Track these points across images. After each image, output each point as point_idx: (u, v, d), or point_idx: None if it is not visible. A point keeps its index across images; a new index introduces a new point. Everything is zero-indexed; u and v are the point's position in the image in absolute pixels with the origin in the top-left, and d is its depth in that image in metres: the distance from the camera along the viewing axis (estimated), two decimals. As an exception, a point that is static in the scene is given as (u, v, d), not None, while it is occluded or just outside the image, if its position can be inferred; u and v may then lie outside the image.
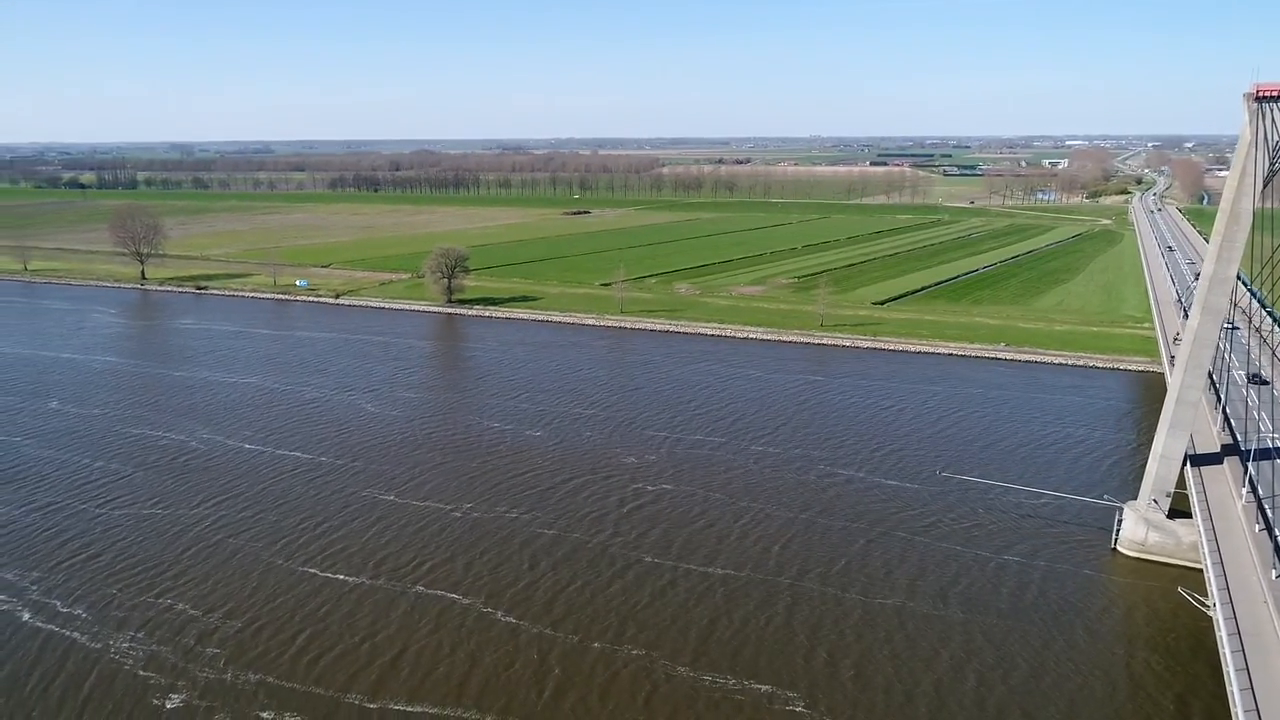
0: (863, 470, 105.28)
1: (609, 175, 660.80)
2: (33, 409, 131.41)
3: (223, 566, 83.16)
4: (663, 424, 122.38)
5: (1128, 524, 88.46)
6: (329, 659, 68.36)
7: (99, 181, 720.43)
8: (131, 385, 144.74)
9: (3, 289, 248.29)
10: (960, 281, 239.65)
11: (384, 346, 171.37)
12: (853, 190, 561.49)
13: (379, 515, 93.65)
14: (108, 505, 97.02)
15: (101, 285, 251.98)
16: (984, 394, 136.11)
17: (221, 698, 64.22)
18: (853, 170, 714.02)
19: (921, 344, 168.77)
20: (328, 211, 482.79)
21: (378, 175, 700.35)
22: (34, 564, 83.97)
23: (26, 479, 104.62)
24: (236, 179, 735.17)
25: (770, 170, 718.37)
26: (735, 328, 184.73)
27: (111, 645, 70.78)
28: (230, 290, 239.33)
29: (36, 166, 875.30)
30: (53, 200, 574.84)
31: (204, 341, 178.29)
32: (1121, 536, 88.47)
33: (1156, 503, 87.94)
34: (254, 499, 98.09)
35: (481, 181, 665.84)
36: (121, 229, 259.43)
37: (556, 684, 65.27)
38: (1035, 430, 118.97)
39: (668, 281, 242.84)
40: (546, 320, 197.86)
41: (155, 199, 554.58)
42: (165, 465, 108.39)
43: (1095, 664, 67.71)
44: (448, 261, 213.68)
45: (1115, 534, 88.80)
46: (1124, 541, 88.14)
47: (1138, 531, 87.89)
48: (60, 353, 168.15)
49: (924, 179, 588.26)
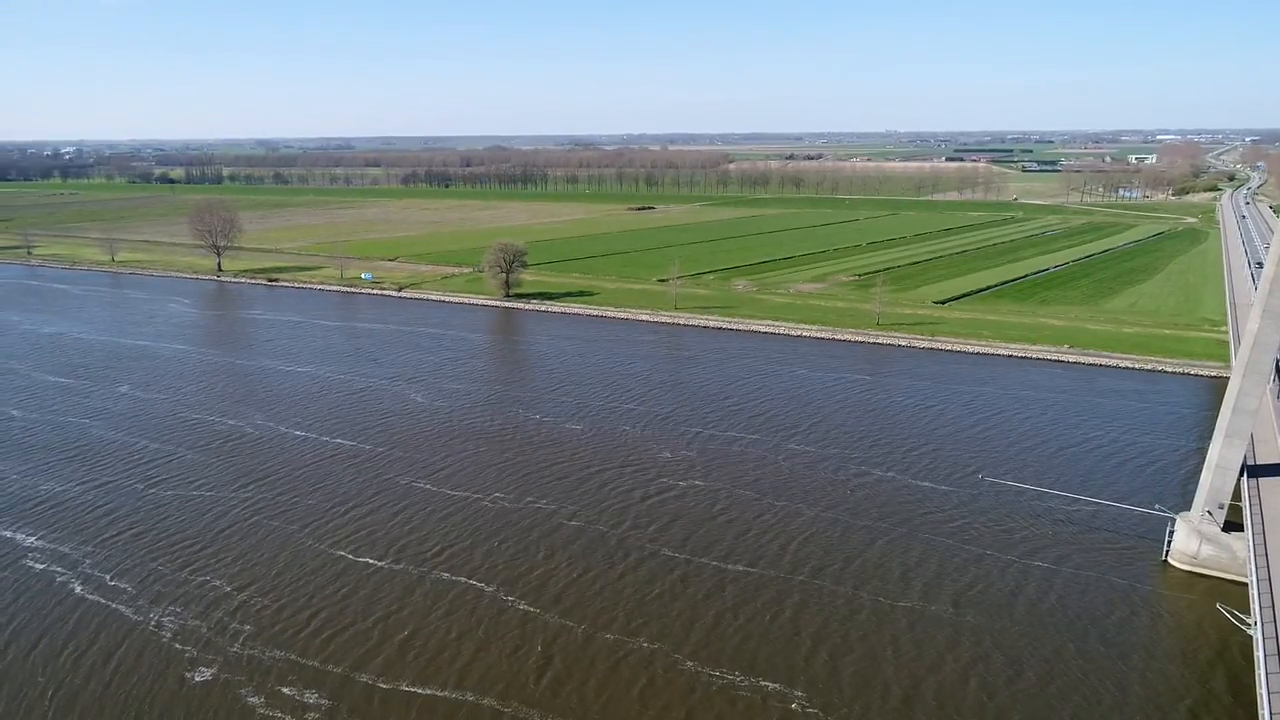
0: (897, 471, 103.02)
1: (675, 171, 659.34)
2: (103, 392, 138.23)
3: (258, 546, 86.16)
4: (700, 420, 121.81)
5: (1179, 536, 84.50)
6: (344, 638, 70.31)
7: (187, 177, 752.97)
8: (196, 372, 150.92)
9: (91, 279, 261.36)
10: (1028, 281, 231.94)
11: (439, 339, 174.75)
12: (924, 187, 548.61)
13: (411, 502, 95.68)
14: (159, 485, 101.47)
15: (181, 276, 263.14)
16: (1036, 397, 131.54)
17: (246, 672, 66.59)
18: (924, 166, 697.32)
19: (980, 345, 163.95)
20: (399, 206, 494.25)
21: (449, 171, 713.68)
22: (88, 538, 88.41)
23: (89, 458, 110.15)
24: (315, 174, 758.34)
25: (839, 166, 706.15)
26: (789, 325, 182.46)
27: (150, 618, 74.07)
28: (299, 282, 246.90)
29: (132, 162, 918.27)
30: (144, 195, 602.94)
31: (269, 331, 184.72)
32: (1173, 549, 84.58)
33: (1210, 514, 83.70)
34: (295, 483, 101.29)
35: (549, 177, 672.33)
36: (200, 223, 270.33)
37: (556, 672, 66.03)
38: (1088, 436, 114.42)
39: (726, 278, 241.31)
40: (600, 316, 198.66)
41: (238, 194, 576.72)
42: (217, 448, 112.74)
43: (1109, 674, 64.94)
44: (506, 257, 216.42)
45: (1166, 546, 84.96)
46: (1175, 554, 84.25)
47: (1190, 544, 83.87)
48: (135, 340, 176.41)
49: (999, 175, 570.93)
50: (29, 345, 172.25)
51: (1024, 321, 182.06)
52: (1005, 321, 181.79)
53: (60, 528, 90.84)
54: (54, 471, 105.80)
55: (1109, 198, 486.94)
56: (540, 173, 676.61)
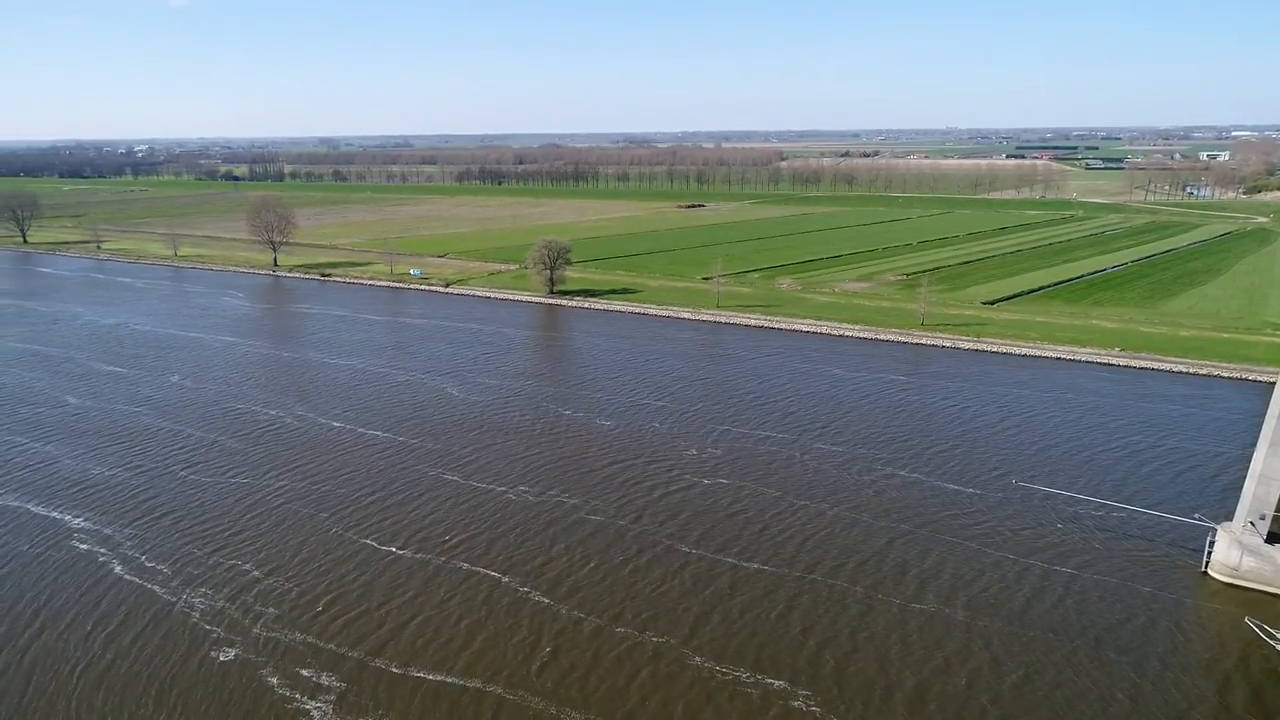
0: (925, 473, 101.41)
1: (726, 169, 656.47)
2: (155, 382, 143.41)
3: (288, 532, 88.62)
4: (730, 418, 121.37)
5: (1220, 547, 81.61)
6: (362, 623, 72.05)
7: (250, 174, 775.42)
8: (243, 363, 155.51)
9: (154, 273, 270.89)
10: (1083, 282, 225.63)
11: (480, 334, 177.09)
12: (980, 185, 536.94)
13: (437, 493, 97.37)
14: (200, 471, 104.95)
15: (238, 271, 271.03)
16: (1078, 400, 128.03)
17: (268, 653, 68.68)
18: (980, 164, 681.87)
19: (1027, 346, 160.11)
20: (452, 203, 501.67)
21: (502, 169, 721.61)
22: (130, 521, 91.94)
23: (136, 444, 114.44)
24: (372, 172, 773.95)
25: (893, 164, 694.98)
26: (831, 325, 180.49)
27: (182, 599, 76.77)
28: (351, 278, 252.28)
29: (200, 160, 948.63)
30: (209, 192, 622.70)
31: (316, 325, 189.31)
32: (1213, 560, 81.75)
33: (1253, 525, 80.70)
34: (327, 472, 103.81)
35: (600, 175, 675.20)
36: (256, 219, 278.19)
37: (547, 657, 67.49)
38: (1129, 441, 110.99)
39: (770, 276, 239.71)
40: (642, 313, 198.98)
41: (297, 190, 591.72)
42: (257, 437, 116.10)
43: (1122, 683, 63.06)
44: (550, 254, 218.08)
45: (1206, 557, 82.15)
46: (1215, 565, 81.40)
47: (1230, 555, 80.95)
48: (188, 332, 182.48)
49: (1059, 173, 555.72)
50: (89, 336, 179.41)
51: (1074, 323, 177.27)
52: (1055, 323, 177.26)
53: (105, 510, 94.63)
54: (103, 456, 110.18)
55: (1175, 196, 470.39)
56: (592, 170, 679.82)
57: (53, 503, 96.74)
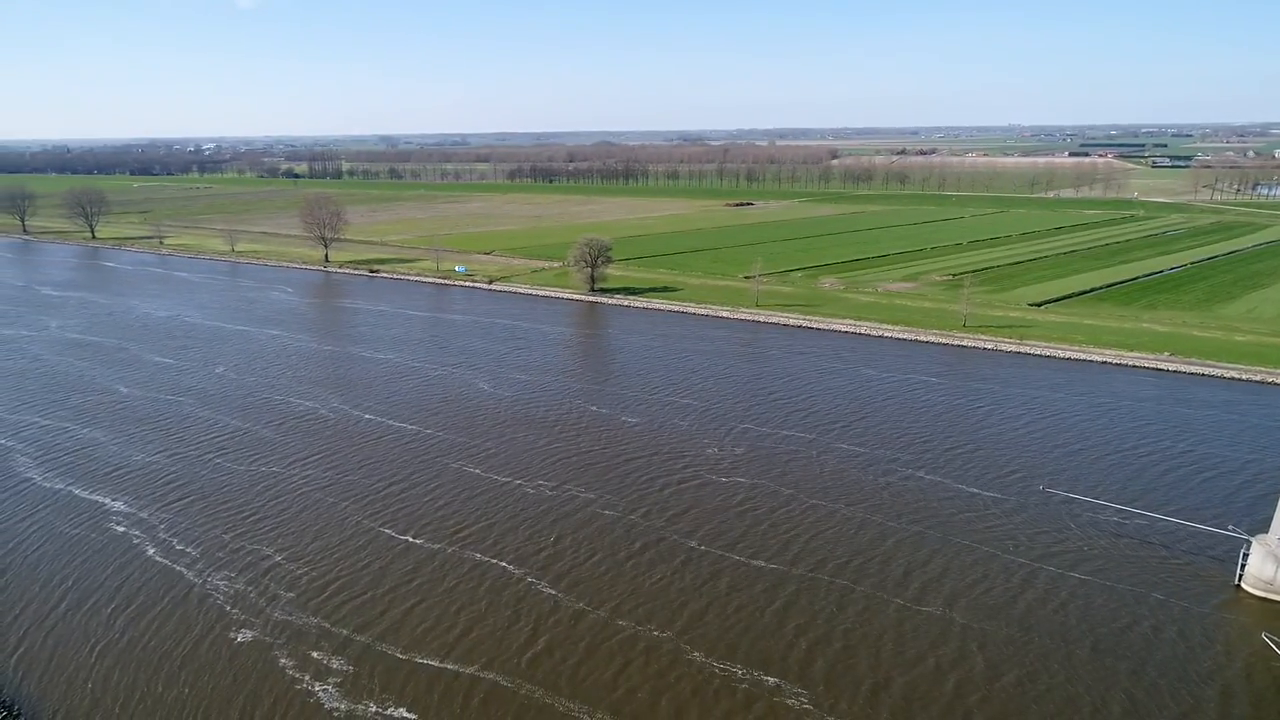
0: (947, 476, 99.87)
1: (777, 167, 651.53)
2: (200, 372, 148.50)
3: (312, 520, 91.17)
4: (755, 417, 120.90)
5: (1254, 559, 78.77)
6: (375, 609, 73.84)
7: (310, 172, 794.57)
8: (285, 356, 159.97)
9: (211, 268, 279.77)
10: (1137, 283, 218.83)
11: (517, 330, 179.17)
12: (1037, 183, 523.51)
13: (458, 485, 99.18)
14: (234, 459, 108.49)
15: (291, 266, 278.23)
16: (1115, 405, 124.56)
17: (283, 635, 71.00)
18: (1037, 162, 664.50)
19: (1071, 349, 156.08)
20: (502, 201, 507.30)
21: (553, 166, 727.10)
22: (165, 505, 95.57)
23: (177, 431, 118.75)
24: (427, 169, 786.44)
25: (947, 161, 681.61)
26: (870, 325, 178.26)
27: (208, 582, 79.59)
28: (398, 274, 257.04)
29: (262, 158, 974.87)
30: (269, 189, 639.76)
31: (360, 320, 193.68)
32: (1246, 573, 78.95)
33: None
34: (355, 463, 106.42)
35: (650, 173, 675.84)
36: (309, 216, 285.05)
37: (541, 647, 68.94)
38: (1170, 450, 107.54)
39: (814, 275, 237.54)
40: (681, 311, 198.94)
41: (354, 188, 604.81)
42: (292, 428, 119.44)
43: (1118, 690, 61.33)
44: (591, 251, 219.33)
45: (1240, 570, 79.35)
46: (1249, 578, 78.60)
47: (1265, 569, 78.08)
48: (237, 325, 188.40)
49: (1121, 171, 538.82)
50: (144, 327, 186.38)
51: (1124, 326, 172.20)
52: (1103, 326, 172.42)
53: (143, 494, 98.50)
54: (145, 443, 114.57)
55: (1245, 195, 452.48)
56: (642, 168, 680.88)
57: (95, 486, 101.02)
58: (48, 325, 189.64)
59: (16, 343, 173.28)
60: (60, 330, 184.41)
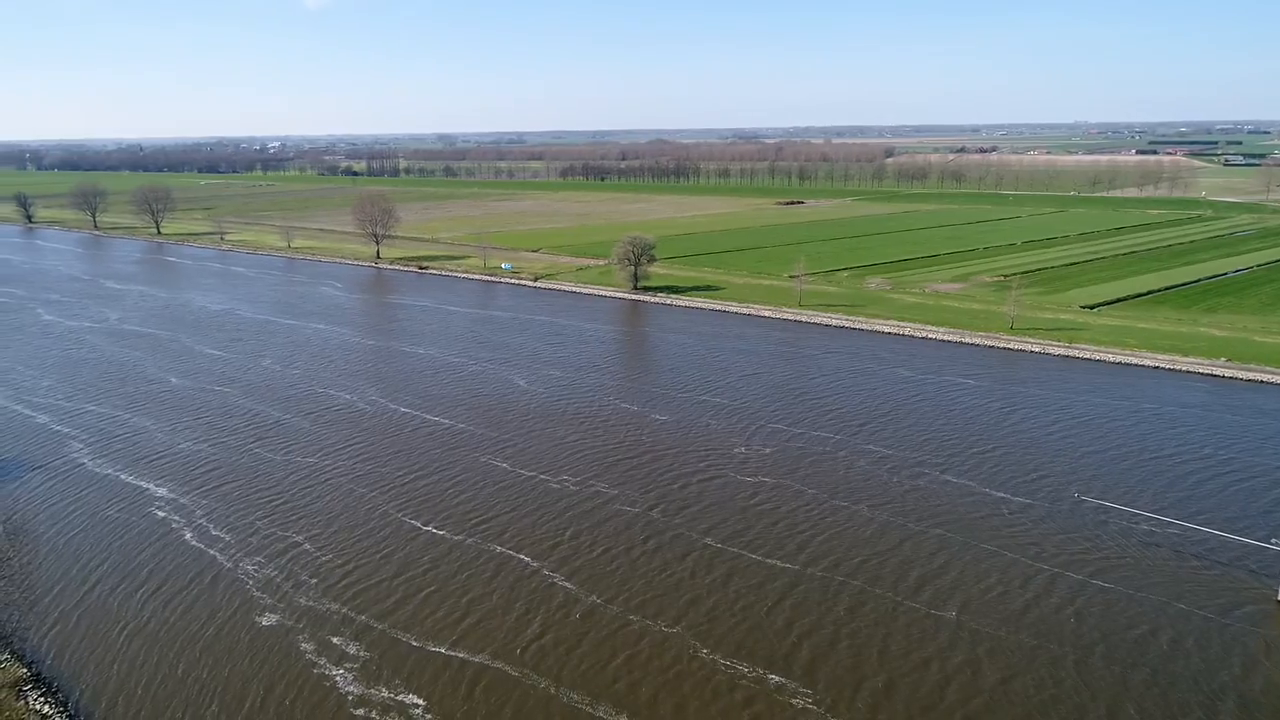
0: (978, 481, 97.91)
1: (829, 165, 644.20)
2: (247, 364, 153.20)
3: (343, 510, 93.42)
4: (788, 417, 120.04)
5: (1296, 573, 75.72)
6: (395, 598, 75.43)
7: (368, 170, 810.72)
8: (330, 350, 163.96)
9: (267, 263, 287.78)
10: (1198, 286, 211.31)
11: (558, 327, 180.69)
12: (1099, 182, 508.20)
13: (485, 478, 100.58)
14: (274, 449, 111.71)
15: (343, 262, 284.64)
16: (1157, 411, 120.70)
17: (306, 620, 72.97)
18: (1099, 160, 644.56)
19: (1122, 353, 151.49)
20: (553, 199, 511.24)
21: (605, 165, 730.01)
22: (205, 492, 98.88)
23: (220, 421, 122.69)
24: (481, 167, 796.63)
25: (1005, 160, 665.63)
26: (914, 326, 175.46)
27: (239, 567, 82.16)
28: (446, 271, 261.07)
29: (324, 156, 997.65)
30: (328, 186, 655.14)
31: (406, 315, 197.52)
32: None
33: (1338, 553, 74.52)
34: (390, 455, 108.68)
35: (702, 171, 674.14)
36: (361, 213, 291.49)
37: (535, 634, 70.27)
38: (1212, 458, 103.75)
39: (860, 275, 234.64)
40: (723, 310, 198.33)
41: (410, 185, 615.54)
42: (329, 419, 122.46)
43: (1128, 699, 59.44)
44: (634, 250, 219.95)
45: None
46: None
47: (1307, 583, 74.98)
48: (286, 319, 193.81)
49: (1189, 169, 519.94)
50: (198, 320, 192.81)
51: (1180, 330, 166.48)
52: (1158, 330, 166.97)
53: (184, 480, 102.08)
54: (190, 431, 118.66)
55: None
56: (693, 166, 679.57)
57: (140, 471, 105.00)
58: (108, 317, 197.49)
59: (78, 333, 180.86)
60: (119, 322, 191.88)
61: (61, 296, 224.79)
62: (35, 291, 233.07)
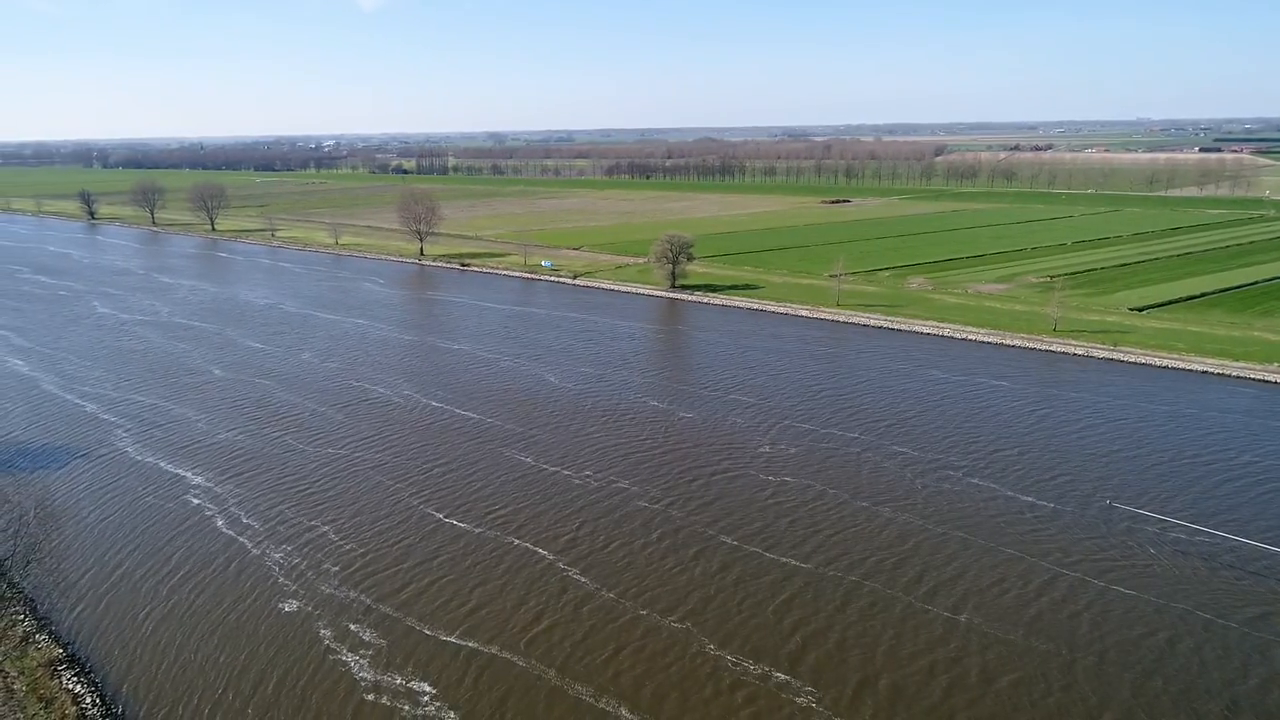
0: (1006, 484, 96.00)
1: (877, 163, 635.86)
2: (287, 357, 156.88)
3: (370, 501, 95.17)
4: (815, 417, 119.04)
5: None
6: (414, 589, 76.68)
7: (418, 168, 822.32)
8: (368, 344, 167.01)
9: (315, 259, 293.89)
10: (1255, 289, 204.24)
11: (593, 325, 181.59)
12: (1156, 181, 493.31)
13: (508, 472, 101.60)
14: (307, 440, 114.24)
15: (387, 259, 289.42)
16: (1201, 416, 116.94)
17: (326, 607, 74.57)
18: (1158, 158, 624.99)
19: (1169, 357, 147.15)
20: (598, 197, 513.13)
21: (651, 163, 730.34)
22: (240, 481, 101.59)
23: (258, 412, 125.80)
24: (528, 165, 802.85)
25: (1060, 158, 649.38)
26: (954, 327, 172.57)
27: (266, 555, 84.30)
28: (488, 268, 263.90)
29: (376, 154, 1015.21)
30: (378, 184, 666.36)
31: (445, 311, 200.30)
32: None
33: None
34: (418, 448, 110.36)
35: (748, 169, 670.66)
36: (405, 211, 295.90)
37: (546, 627, 70.92)
38: (1256, 467, 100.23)
39: (902, 275, 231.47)
40: (760, 309, 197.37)
41: (457, 183, 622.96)
42: (364, 412, 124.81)
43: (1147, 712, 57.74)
44: (672, 248, 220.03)
45: (1320, 596, 73.67)
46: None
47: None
48: (329, 314, 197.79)
49: (1253, 167, 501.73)
50: (243, 314, 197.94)
51: (1232, 334, 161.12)
52: (1209, 333, 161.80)
53: (220, 469, 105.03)
54: (229, 421, 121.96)
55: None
56: (739, 165, 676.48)
57: (178, 459, 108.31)
58: (159, 310, 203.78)
59: (129, 326, 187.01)
60: (169, 315, 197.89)
61: (116, 290, 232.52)
62: (92, 285, 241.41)
